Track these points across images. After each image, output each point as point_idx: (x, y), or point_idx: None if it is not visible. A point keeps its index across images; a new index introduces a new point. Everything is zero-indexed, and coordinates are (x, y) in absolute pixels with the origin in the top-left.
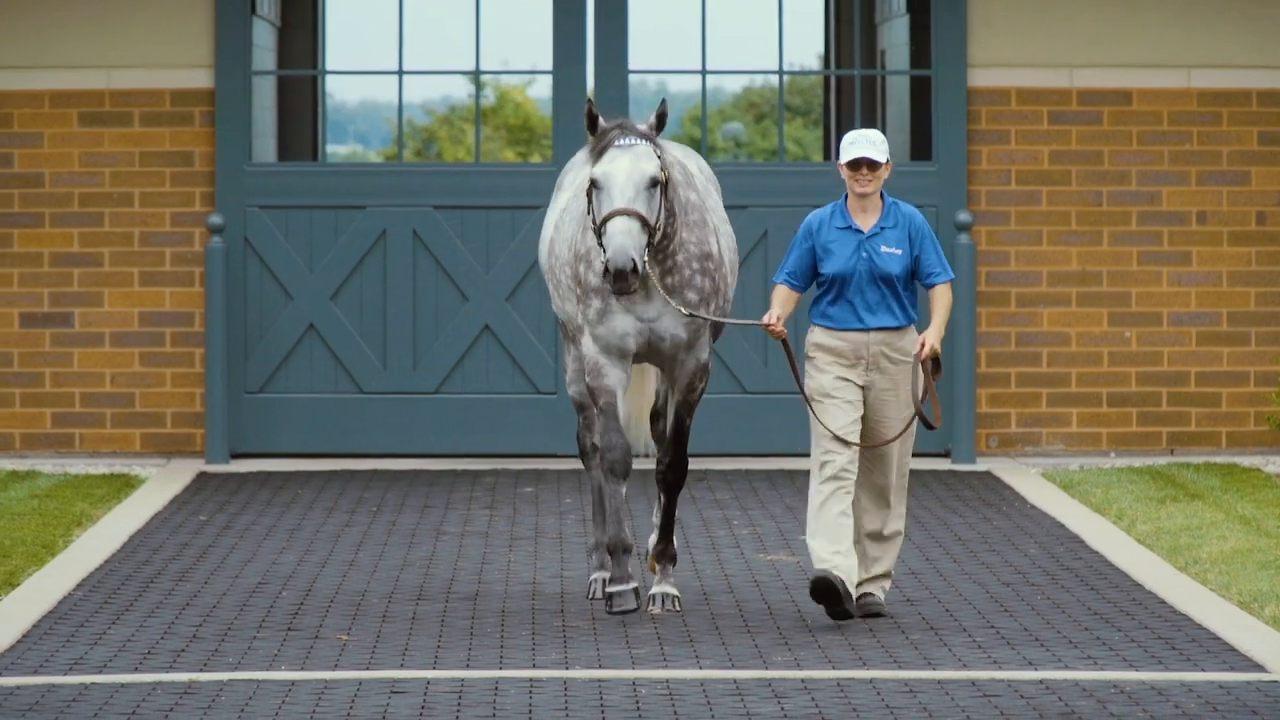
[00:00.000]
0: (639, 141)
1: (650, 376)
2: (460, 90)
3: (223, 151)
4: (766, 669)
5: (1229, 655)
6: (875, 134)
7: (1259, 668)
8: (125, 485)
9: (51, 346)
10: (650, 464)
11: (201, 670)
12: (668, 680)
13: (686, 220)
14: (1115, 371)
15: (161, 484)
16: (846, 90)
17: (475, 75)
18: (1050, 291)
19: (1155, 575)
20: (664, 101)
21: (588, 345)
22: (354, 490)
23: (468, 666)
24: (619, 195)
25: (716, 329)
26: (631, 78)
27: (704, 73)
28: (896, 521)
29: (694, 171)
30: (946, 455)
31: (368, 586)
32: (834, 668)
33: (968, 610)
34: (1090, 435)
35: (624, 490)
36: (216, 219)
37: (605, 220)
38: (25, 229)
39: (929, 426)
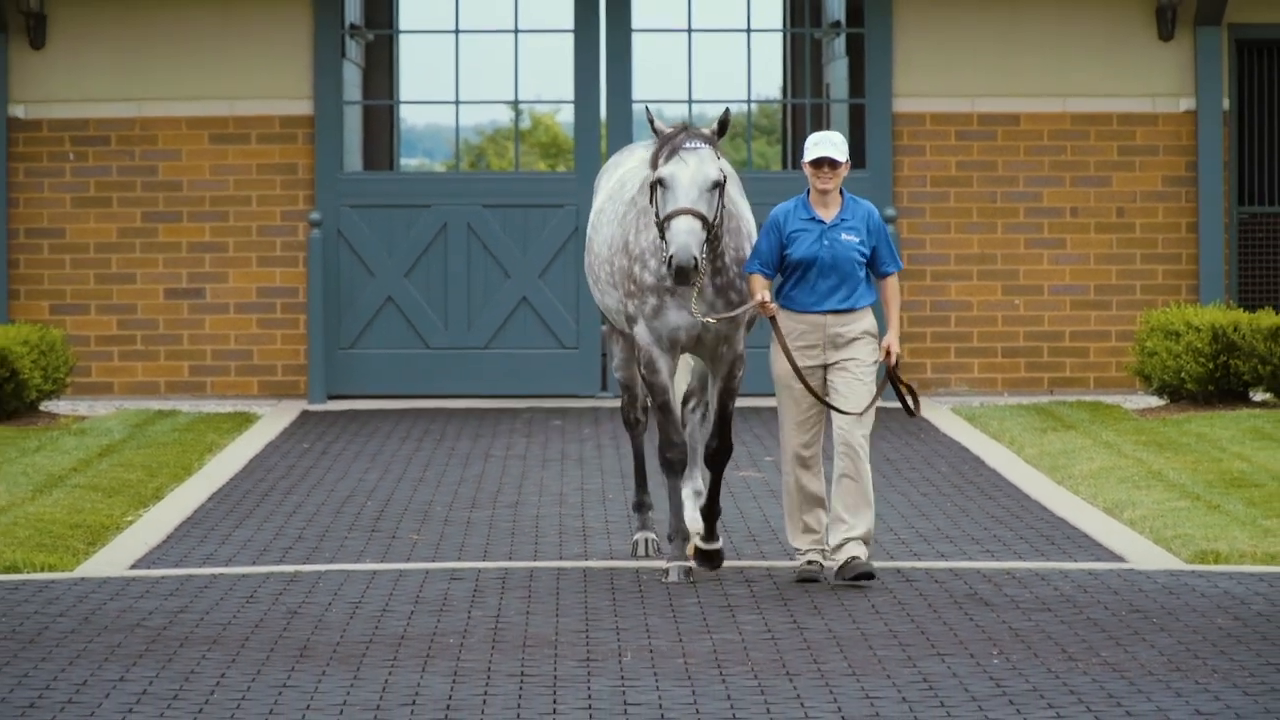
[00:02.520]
0: (703, 146)
1: (684, 368)
2: (503, 116)
3: (320, 163)
4: (738, 559)
5: (1096, 549)
6: (836, 135)
7: (1120, 559)
8: (245, 421)
9: (188, 314)
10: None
11: (304, 563)
12: (667, 569)
13: (728, 227)
14: (1007, 330)
15: (273, 420)
16: (800, 115)
17: (515, 104)
18: (957, 269)
19: (1039, 488)
20: (726, 110)
21: (643, 336)
22: (422, 424)
23: (509, 559)
24: (684, 196)
25: (750, 323)
26: (635, 106)
27: (690, 101)
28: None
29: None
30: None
31: (432, 497)
32: (787, 557)
33: (893, 514)
34: (988, 380)
35: (678, 484)
36: (315, 215)
37: (669, 218)
38: (168, 223)
39: (911, 414)
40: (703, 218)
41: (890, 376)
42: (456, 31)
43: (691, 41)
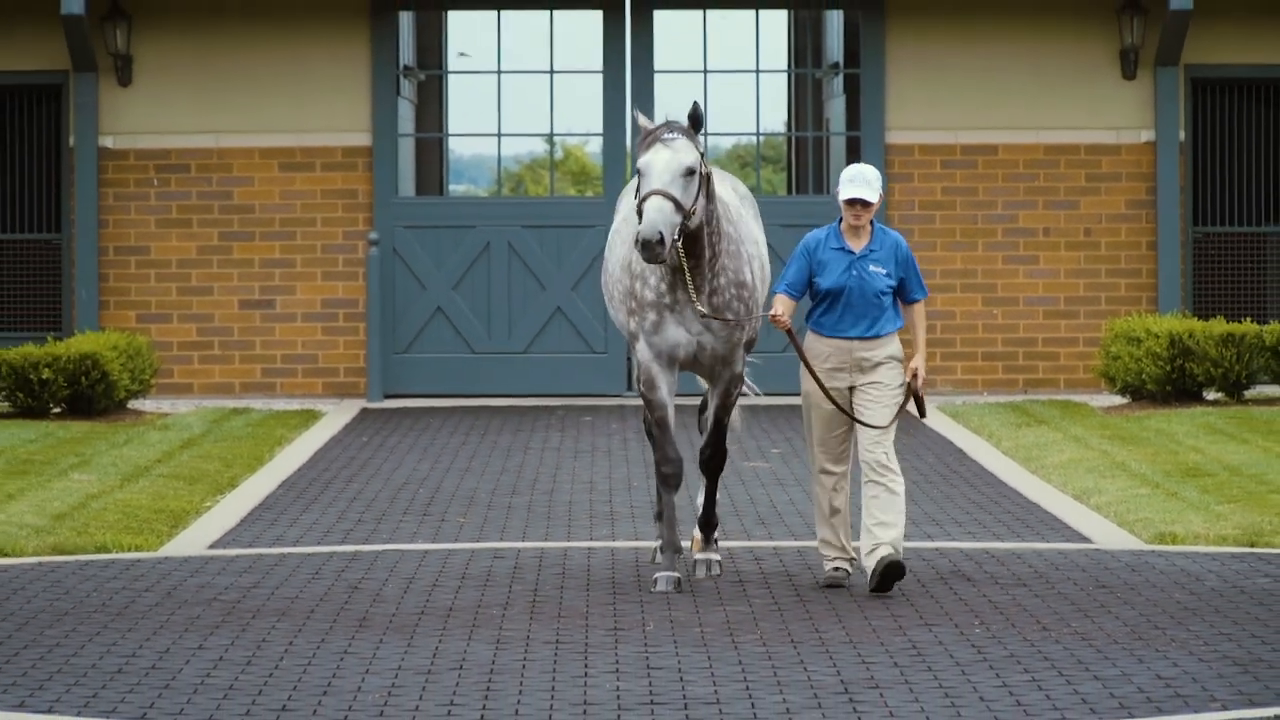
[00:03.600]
0: (680, 136)
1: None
2: (539, 147)
3: (378, 189)
4: (748, 540)
5: (1067, 531)
6: (871, 172)
7: (1087, 540)
8: (311, 417)
9: (260, 322)
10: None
11: (363, 543)
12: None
13: (727, 249)
14: (987, 337)
15: (336, 417)
16: (803, 146)
17: (549, 137)
18: (942, 283)
19: (1015, 477)
20: (695, 104)
21: (643, 353)
22: (467, 420)
23: (545, 539)
24: (656, 179)
25: (749, 345)
26: None
27: (705, 134)
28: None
29: (730, 199)
30: None
31: (477, 485)
32: (793, 538)
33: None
34: (970, 381)
35: (675, 499)
36: (373, 235)
37: (642, 200)
38: (242, 242)
39: (921, 415)
40: (674, 200)
41: (914, 395)
42: (499, 72)
43: (707, 81)
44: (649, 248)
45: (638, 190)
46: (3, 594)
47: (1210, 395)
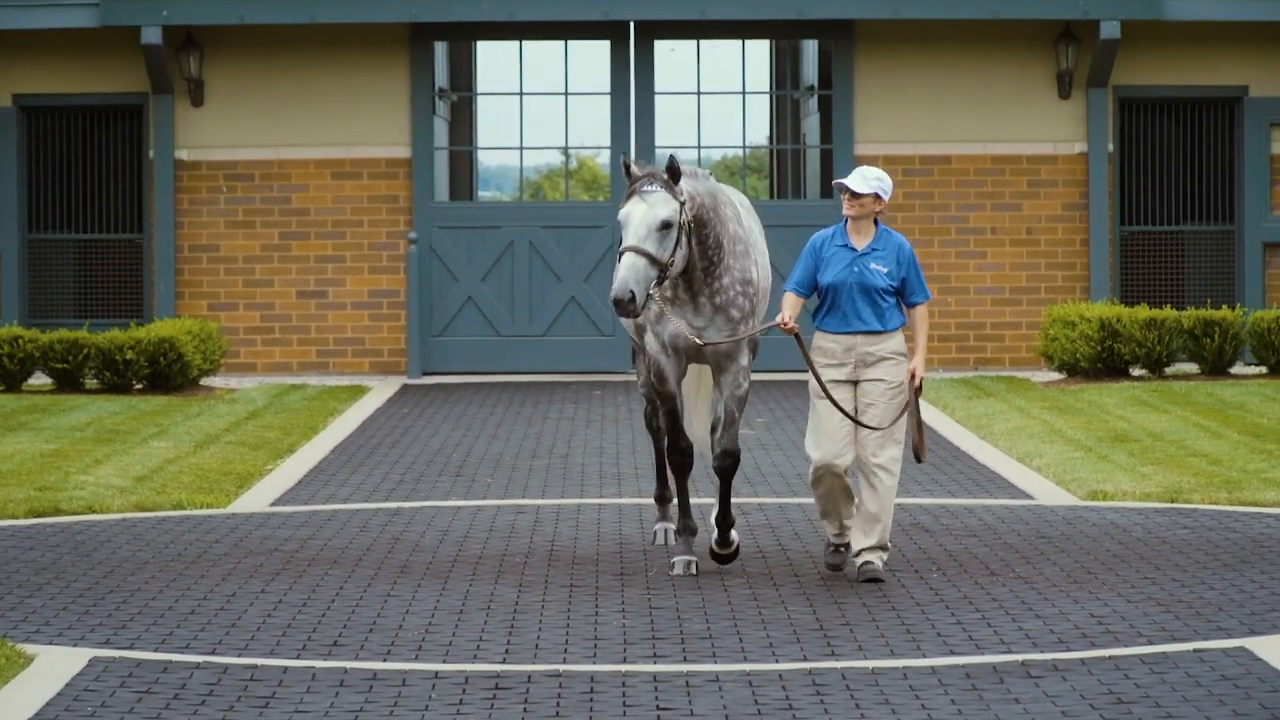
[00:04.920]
0: (659, 189)
1: (705, 397)
2: (556, 159)
3: (416, 194)
4: (735, 497)
5: (1012, 489)
6: (872, 171)
7: (1029, 497)
8: (359, 392)
9: (315, 310)
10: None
11: (404, 501)
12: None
13: (734, 250)
14: (942, 321)
15: (381, 391)
16: (783, 157)
17: (564, 150)
18: None
19: (967, 442)
20: (671, 157)
21: (651, 344)
22: (494, 394)
23: (561, 497)
24: (631, 235)
25: (754, 342)
26: (657, 151)
27: (699, 147)
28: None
29: (740, 209)
30: None
31: (503, 450)
32: (776, 496)
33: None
34: (927, 360)
35: (688, 483)
36: (413, 235)
37: (619, 255)
38: (299, 240)
39: (918, 460)
40: (648, 255)
41: (914, 398)
42: (521, 94)
43: (700, 101)
44: (620, 305)
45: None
46: (91, 546)
47: (1136, 372)
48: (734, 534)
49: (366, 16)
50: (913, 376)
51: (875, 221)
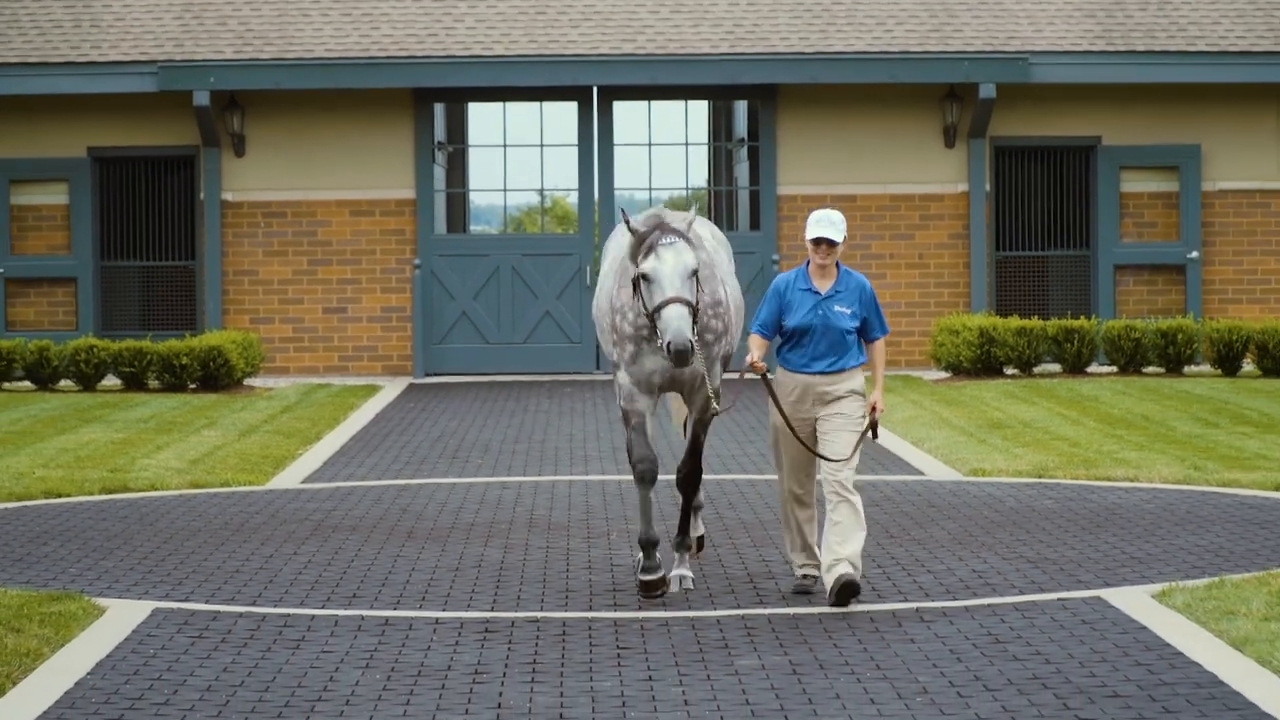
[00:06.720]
0: (678, 240)
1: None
2: (533, 198)
3: (420, 229)
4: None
5: (906, 467)
6: (837, 215)
7: (921, 473)
8: (373, 390)
9: (337, 323)
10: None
11: (410, 478)
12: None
13: (703, 275)
14: None
15: (391, 390)
16: (720, 198)
17: (540, 191)
18: None
19: None
20: (695, 207)
21: (623, 379)
22: (484, 391)
23: (539, 475)
24: (669, 286)
25: (726, 360)
26: (616, 192)
27: (650, 189)
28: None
29: (706, 236)
30: None
31: (492, 437)
32: (729, 474)
33: (770, 452)
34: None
35: (652, 494)
36: (417, 262)
37: (659, 307)
38: (324, 266)
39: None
40: (690, 304)
41: (872, 426)
42: (504, 145)
43: (651, 151)
44: (682, 356)
45: (638, 290)
46: (154, 517)
47: (1009, 371)
48: (692, 534)
49: (378, 83)
50: (874, 409)
51: (836, 264)
